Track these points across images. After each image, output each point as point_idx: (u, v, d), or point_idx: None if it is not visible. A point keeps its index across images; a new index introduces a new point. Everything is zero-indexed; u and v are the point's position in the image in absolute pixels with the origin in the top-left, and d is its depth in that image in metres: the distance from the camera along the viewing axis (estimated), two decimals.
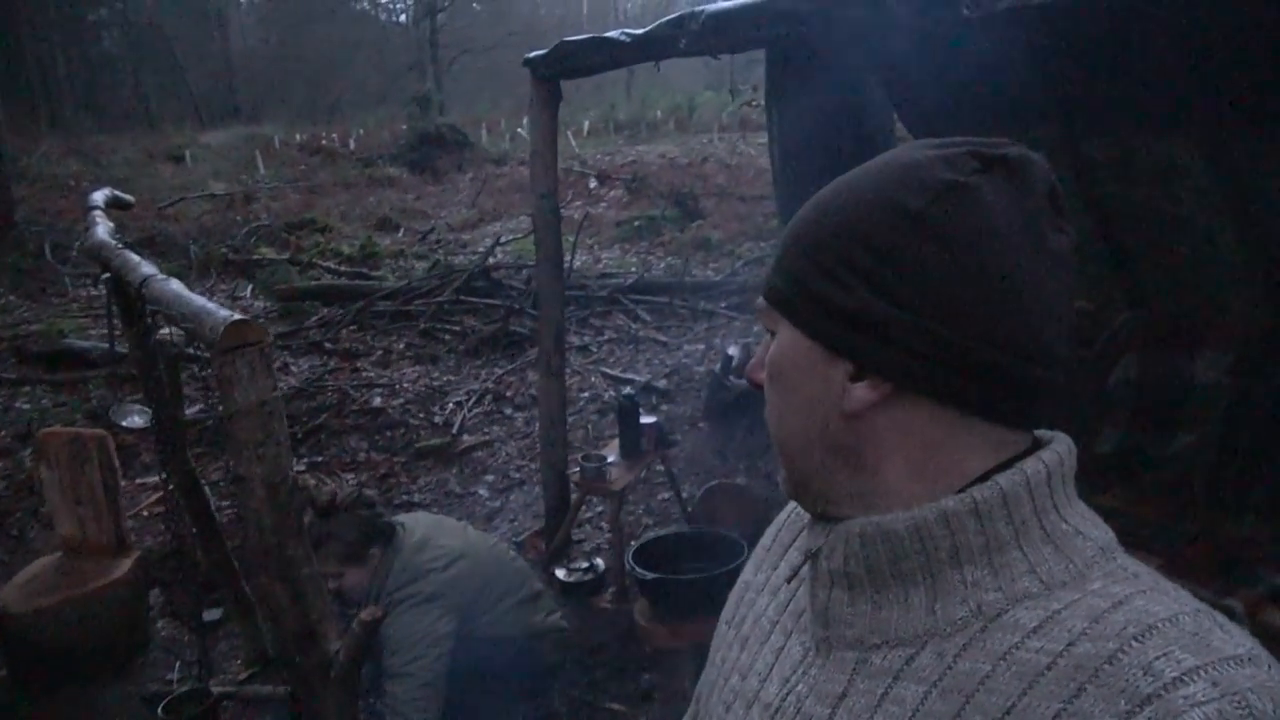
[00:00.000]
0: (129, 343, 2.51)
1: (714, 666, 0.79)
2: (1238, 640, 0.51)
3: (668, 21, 2.89)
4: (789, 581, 0.72)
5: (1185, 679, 0.48)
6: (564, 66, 3.42)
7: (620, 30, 3.12)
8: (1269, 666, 0.50)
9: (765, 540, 0.83)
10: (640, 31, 3.03)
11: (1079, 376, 3.33)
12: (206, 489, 3.09)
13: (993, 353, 0.57)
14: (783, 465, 0.68)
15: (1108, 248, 3.46)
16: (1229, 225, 3.04)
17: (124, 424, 4.74)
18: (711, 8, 2.83)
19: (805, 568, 0.69)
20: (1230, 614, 0.58)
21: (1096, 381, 3.39)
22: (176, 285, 1.68)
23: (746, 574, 0.82)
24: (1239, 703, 0.47)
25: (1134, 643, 0.51)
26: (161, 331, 2.30)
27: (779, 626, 0.72)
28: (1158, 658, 0.50)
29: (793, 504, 0.82)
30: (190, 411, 5.11)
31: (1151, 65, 2.79)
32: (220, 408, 1.38)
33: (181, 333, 1.76)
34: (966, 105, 3.54)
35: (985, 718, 0.53)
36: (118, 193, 2.94)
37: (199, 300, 1.49)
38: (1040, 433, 0.64)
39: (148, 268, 1.90)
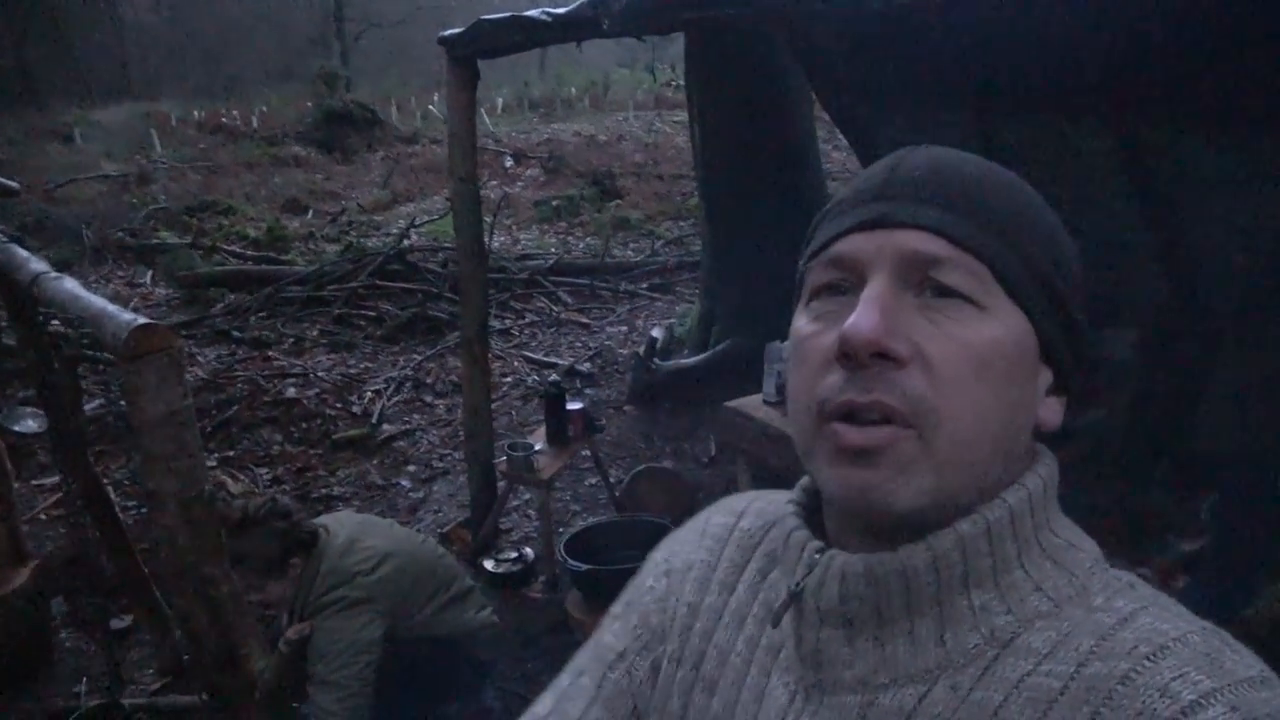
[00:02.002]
0: (18, 342, 2.34)
1: (666, 715, 0.68)
2: (1249, 661, 0.50)
3: (589, 2, 2.82)
4: (774, 626, 0.62)
5: (1203, 702, 0.47)
6: (481, 46, 3.31)
7: (540, 9, 3.03)
8: None
9: (703, 553, 0.71)
10: (562, 11, 2.95)
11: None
12: (110, 490, 2.92)
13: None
14: (939, 473, 0.53)
15: None
16: (1137, 208, 3.14)
17: (16, 429, 4.45)
18: None
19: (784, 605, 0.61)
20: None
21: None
22: (71, 284, 1.56)
23: (687, 594, 0.70)
24: None
25: (1146, 662, 0.49)
26: (53, 324, 2.15)
27: (755, 664, 0.64)
28: (1174, 679, 0.48)
29: (735, 512, 0.72)
30: (90, 407, 4.85)
31: (1063, 50, 2.85)
32: (124, 405, 1.28)
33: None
34: (882, 89, 3.58)
35: None
36: (2, 180, 2.74)
37: (98, 302, 1.38)
38: None
39: (37, 264, 1.76)
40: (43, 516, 4.26)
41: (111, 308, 1.34)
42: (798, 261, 0.63)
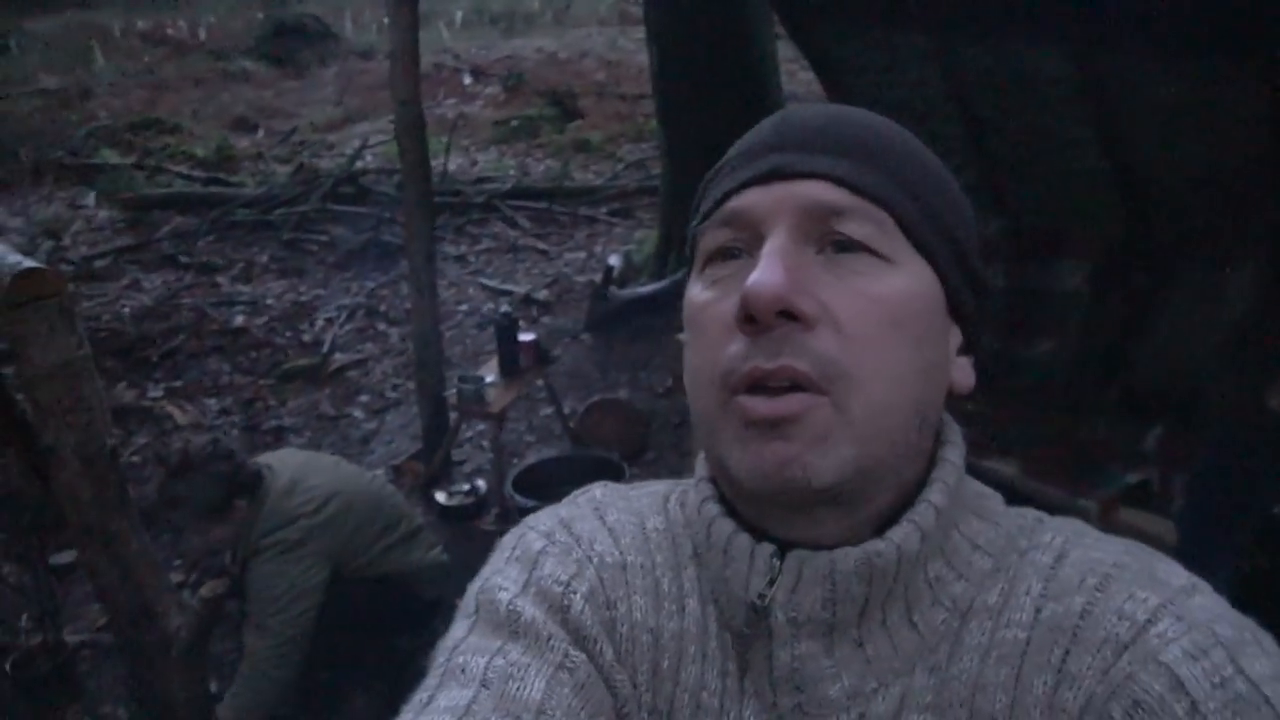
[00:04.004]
0: None
1: None
2: (1177, 570, 0.52)
3: None
4: (739, 650, 0.55)
5: (1154, 619, 0.49)
6: None
7: None
8: (1210, 591, 0.51)
9: (633, 553, 0.60)
10: None
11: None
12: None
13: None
14: (858, 442, 0.49)
15: (978, 157, 3.49)
16: (1093, 137, 3.09)
17: None
18: None
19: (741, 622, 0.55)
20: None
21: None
22: None
23: (646, 616, 0.58)
24: (1207, 633, 0.47)
25: (1097, 593, 0.51)
26: None
27: (728, 699, 0.56)
28: (1125, 601, 0.50)
29: (626, 507, 0.63)
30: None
31: None
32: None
33: None
34: (844, 9, 3.46)
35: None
36: None
37: None
38: None
39: None
40: None
41: None
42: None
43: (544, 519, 0.63)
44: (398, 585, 2.55)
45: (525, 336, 3.75)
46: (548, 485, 2.95)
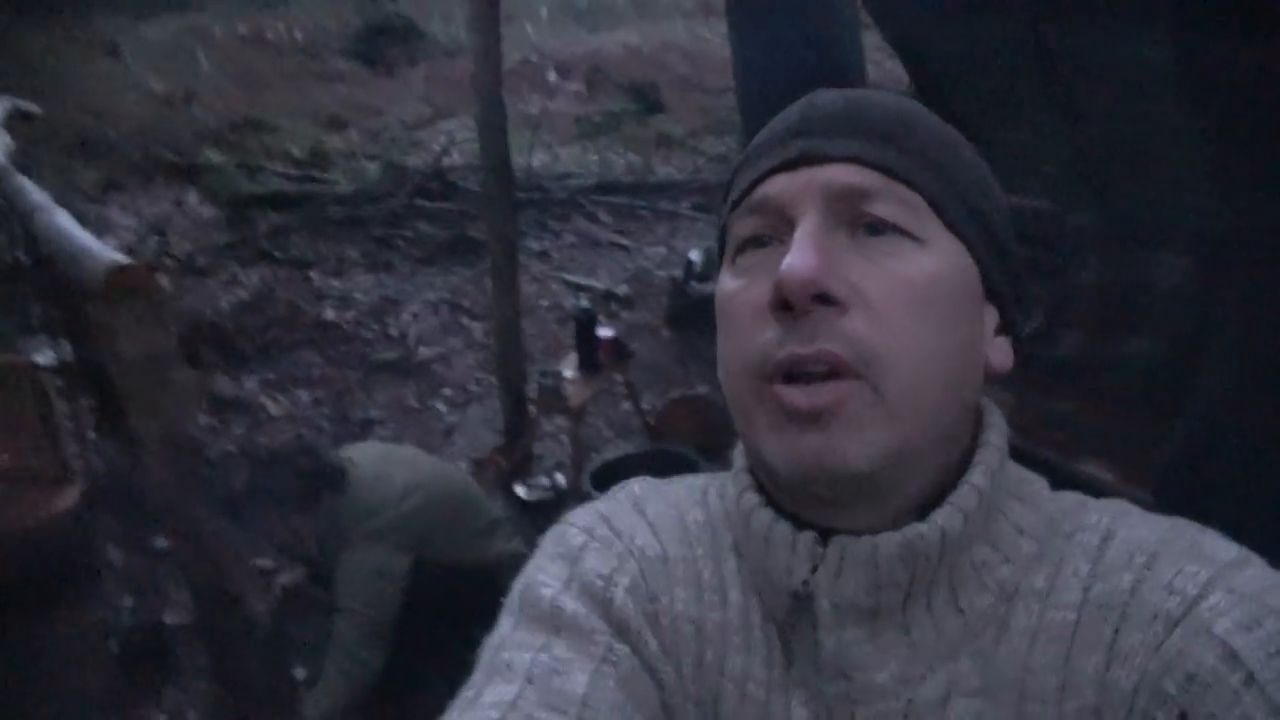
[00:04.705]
0: (37, 273, 2.35)
1: None
2: (1225, 545, 0.52)
3: None
4: (784, 636, 0.55)
5: (1204, 593, 0.48)
6: None
7: None
8: (1260, 563, 0.51)
9: (675, 545, 0.59)
10: None
11: (1039, 279, 3.27)
12: None
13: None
14: (895, 426, 0.48)
15: (1070, 145, 3.35)
16: (1195, 125, 2.92)
17: (38, 358, 4.52)
18: None
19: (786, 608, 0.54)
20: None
21: (1057, 284, 3.34)
22: (64, 219, 1.52)
23: (689, 607, 0.57)
24: (1259, 604, 0.47)
25: (1145, 570, 0.50)
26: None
27: (773, 690, 0.55)
28: (1174, 576, 0.49)
29: (669, 501, 0.62)
30: None
31: None
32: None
33: None
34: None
35: (1043, 703, 0.49)
36: (20, 103, 2.72)
37: (82, 238, 1.35)
38: None
39: (38, 195, 1.73)
40: (91, 436, 4.38)
41: (96, 245, 1.31)
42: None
43: (584, 515, 0.64)
44: (477, 576, 2.58)
45: (604, 332, 3.76)
46: (625, 480, 2.95)
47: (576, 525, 0.62)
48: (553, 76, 13.17)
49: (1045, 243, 3.35)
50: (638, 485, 0.67)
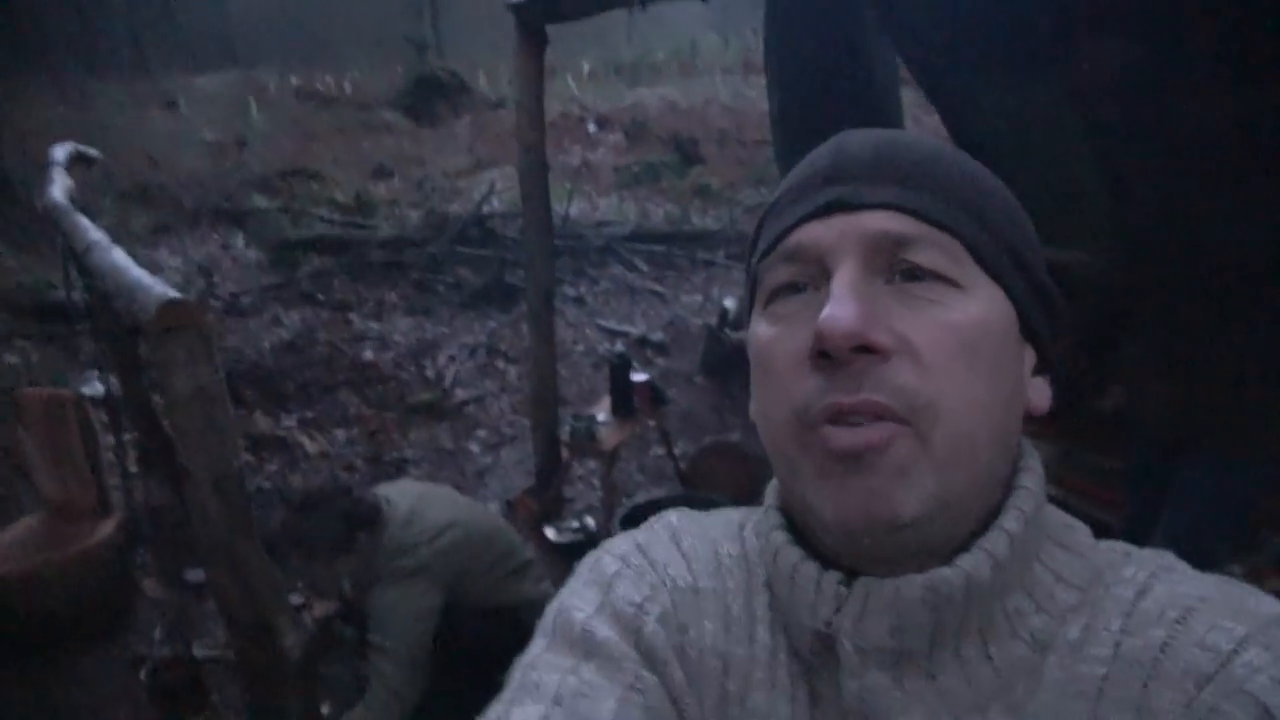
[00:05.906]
0: (89, 308, 2.42)
1: None
2: (1270, 601, 0.50)
3: None
4: (809, 681, 0.54)
5: (1240, 649, 0.46)
6: (551, 11, 3.26)
7: None
8: None
9: (706, 578, 0.59)
10: None
11: (1081, 332, 3.22)
12: None
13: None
14: (941, 473, 0.48)
15: (1107, 185, 3.29)
16: (1255, 156, 2.84)
17: (85, 391, 4.64)
18: None
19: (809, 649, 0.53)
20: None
21: (1100, 338, 3.28)
22: (118, 255, 1.58)
23: (709, 635, 0.57)
24: None
25: (1178, 626, 0.48)
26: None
27: None
28: (1208, 632, 0.48)
29: (702, 535, 0.62)
30: None
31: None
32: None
33: None
34: (972, 54, 3.39)
35: None
36: (81, 148, 2.82)
37: (135, 273, 1.39)
38: None
39: (94, 233, 1.80)
40: (133, 469, 4.46)
41: (147, 279, 1.35)
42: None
43: (620, 543, 0.63)
44: (507, 616, 2.58)
45: (639, 377, 3.77)
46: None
47: (612, 553, 0.62)
48: (593, 128, 13.42)
49: (1083, 296, 3.30)
50: (675, 516, 0.66)
